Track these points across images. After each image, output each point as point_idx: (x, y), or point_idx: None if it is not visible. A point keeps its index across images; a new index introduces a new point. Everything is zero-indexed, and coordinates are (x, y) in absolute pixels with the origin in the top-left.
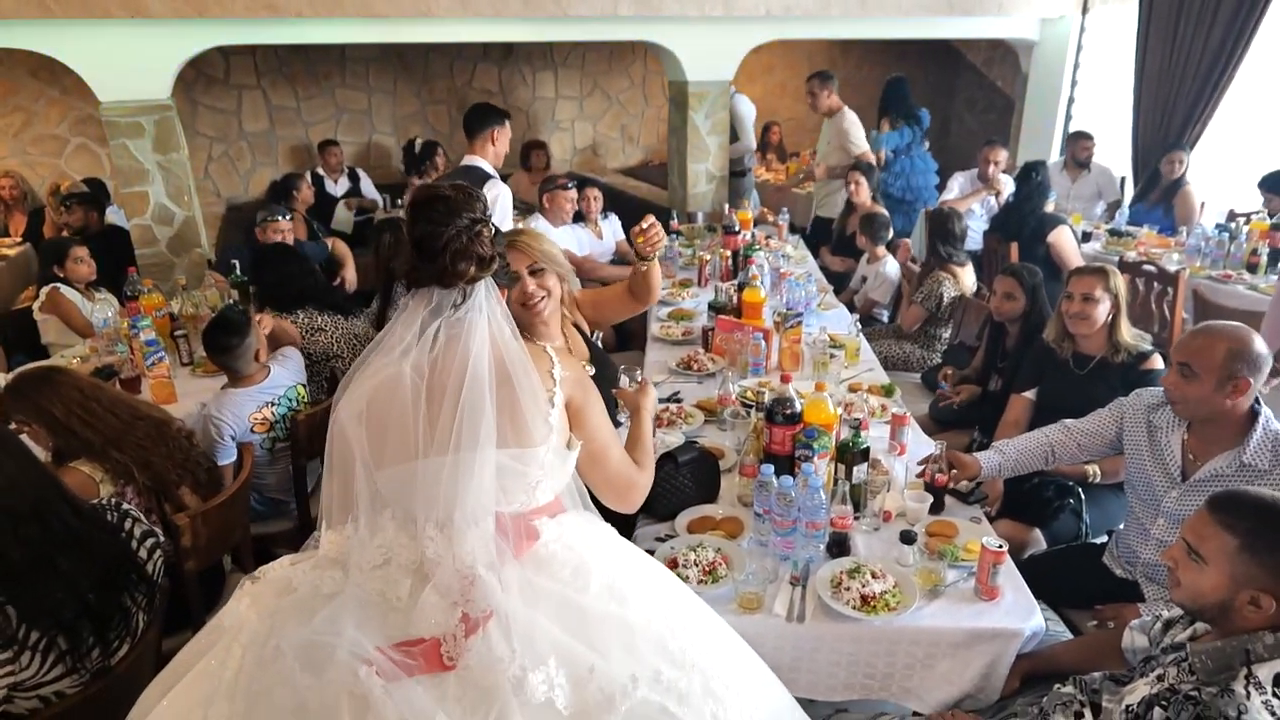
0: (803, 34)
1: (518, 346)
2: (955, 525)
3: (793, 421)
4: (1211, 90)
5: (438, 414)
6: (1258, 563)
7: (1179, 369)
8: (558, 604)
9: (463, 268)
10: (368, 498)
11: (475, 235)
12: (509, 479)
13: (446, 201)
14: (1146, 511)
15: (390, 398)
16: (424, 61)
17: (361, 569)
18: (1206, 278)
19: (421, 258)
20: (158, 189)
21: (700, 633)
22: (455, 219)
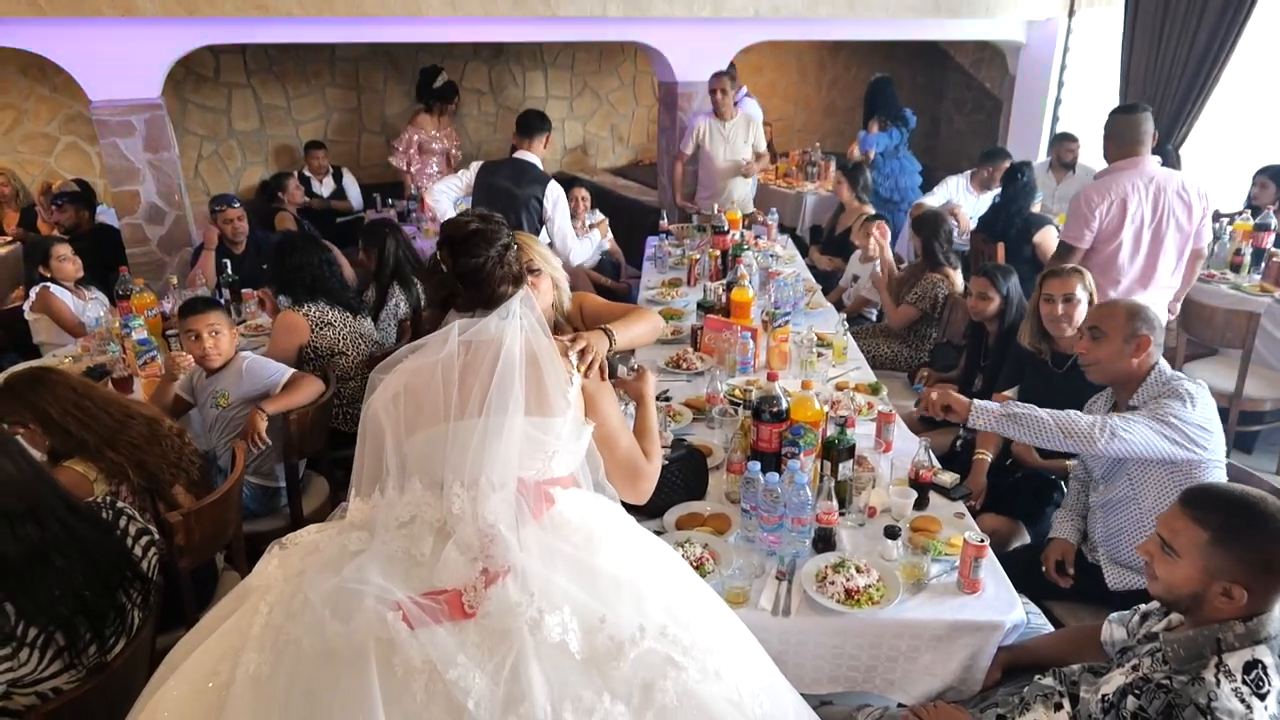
0: (791, 35)
1: (548, 340)
2: (939, 521)
3: (779, 419)
4: (1198, 93)
5: (472, 384)
6: (1228, 555)
7: (1089, 333)
8: (571, 563)
9: (504, 290)
10: (397, 465)
11: (507, 259)
12: (530, 446)
13: (482, 235)
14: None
15: (428, 379)
16: (414, 61)
17: (388, 527)
18: None
19: (469, 287)
20: (148, 188)
21: (702, 603)
22: (490, 249)
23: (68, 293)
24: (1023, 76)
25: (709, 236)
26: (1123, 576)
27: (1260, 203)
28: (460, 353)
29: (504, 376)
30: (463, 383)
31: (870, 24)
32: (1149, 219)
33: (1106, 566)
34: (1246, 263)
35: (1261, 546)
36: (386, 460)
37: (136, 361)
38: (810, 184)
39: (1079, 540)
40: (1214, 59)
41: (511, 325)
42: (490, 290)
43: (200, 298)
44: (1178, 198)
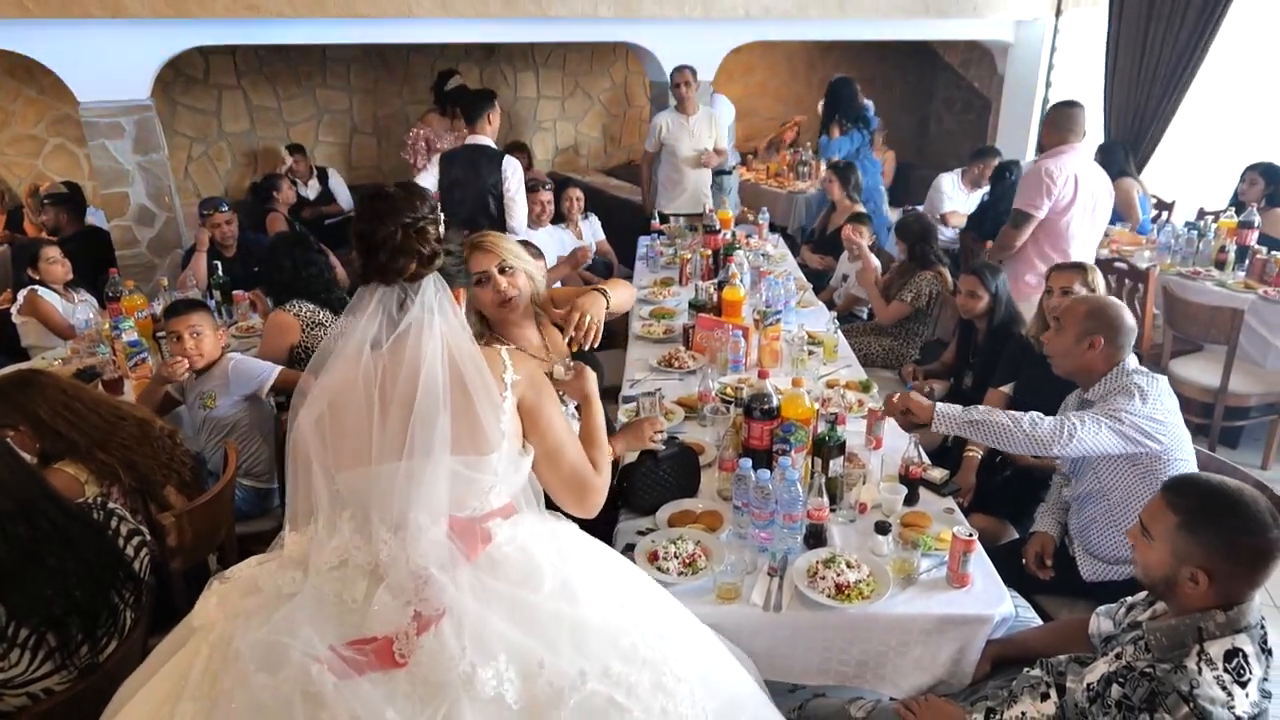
0: (781, 35)
1: (473, 350)
2: (929, 516)
3: (770, 417)
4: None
5: (389, 420)
6: (1195, 540)
7: (1055, 324)
8: (509, 604)
9: (402, 263)
10: (326, 499)
11: (418, 232)
12: (462, 485)
13: (390, 200)
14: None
15: (346, 402)
16: (405, 62)
17: (319, 570)
18: (1176, 274)
19: (363, 252)
20: (138, 190)
21: (654, 627)
22: (397, 217)
23: (56, 295)
24: (1011, 75)
25: (700, 236)
26: (1095, 568)
27: (1247, 199)
28: (377, 365)
29: (426, 412)
30: (384, 412)
31: (860, 24)
32: (1092, 205)
33: (1080, 558)
34: (1231, 260)
35: (1226, 534)
36: (316, 493)
37: (127, 363)
38: (801, 183)
39: (1059, 534)
40: (1191, 56)
41: (431, 330)
42: (386, 260)
43: (183, 299)
44: (1103, 186)
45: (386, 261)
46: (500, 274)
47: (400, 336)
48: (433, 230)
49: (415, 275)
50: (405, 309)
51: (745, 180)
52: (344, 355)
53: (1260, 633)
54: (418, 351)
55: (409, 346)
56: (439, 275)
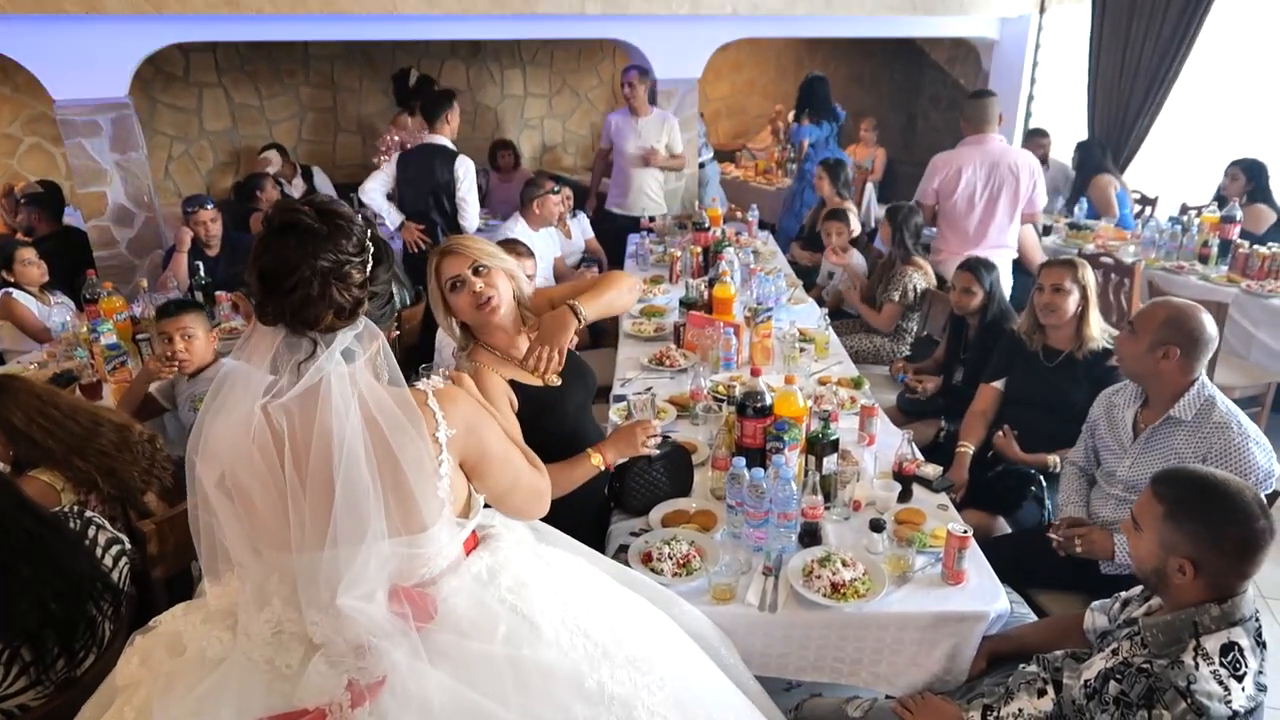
0: (769, 33)
1: (398, 411)
2: (923, 513)
3: (763, 415)
4: (1159, 86)
5: (307, 498)
6: (1180, 530)
7: (1128, 326)
8: (457, 659)
9: (312, 315)
10: (245, 562)
11: (339, 277)
12: (401, 563)
13: (305, 234)
14: (1107, 479)
15: (245, 470)
16: (390, 59)
17: (250, 637)
18: (1161, 269)
19: (265, 291)
20: (116, 189)
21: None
22: (313, 257)
23: (32, 298)
24: (996, 72)
25: (690, 233)
26: None
27: (1229, 194)
28: (279, 425)
29: (351, 493)
30: (298, 488)
31: (847, 21)
32: (981, 187)
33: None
34: (1214, 254)
35: (1211, 523)
36: (234, 549)
37: (105, 367)
38: (789, 180)
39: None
40: (1175, 53)
41: (344, 390)
42: (295, 306)
43: (176, 300)
44: (1009, 171)
45: (297, 308)
46: (475, 275)
47: (308, 394)
48: (357, 273)
49: (330, 328)
50: (308, 364)
51: (734, 178)
52: (232, 409)
53: (1255, 625)
54: (329, 414)
55: (320, 413)
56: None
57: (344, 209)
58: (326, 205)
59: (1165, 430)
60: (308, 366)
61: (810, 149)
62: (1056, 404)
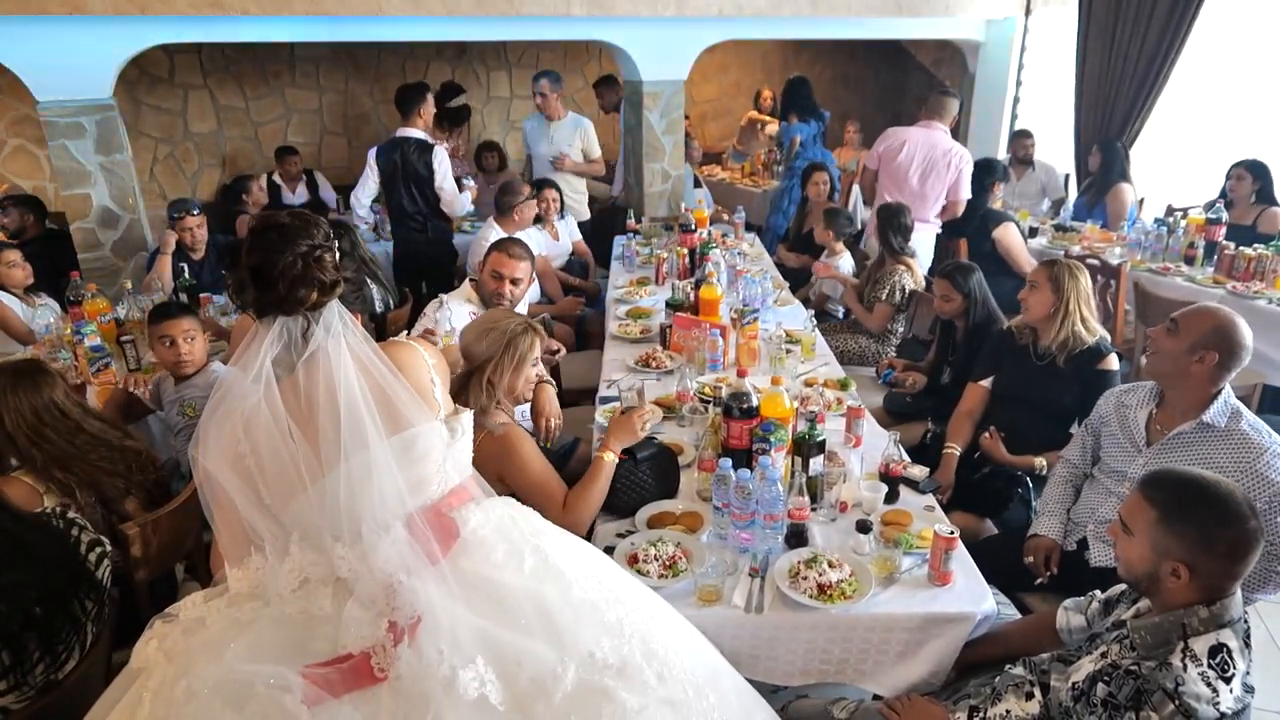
0: (754, 34)
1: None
2: (909, 514)
3: (750, 416)
4: (1149, 88)
5: (314, 434)
6: (1173, 533)
7: (1168, 323)
8: (486, 594)
9: (303, 294)
10: (266, 530)
11: (315, 260)
12: (409, 469)
13: (282, 230)
14: (1113, 478)
15: (258, 435)
16: (376, 61)
17: (281, 595)
18: (1147, 270)
19: (260, 286)
20: (100, 191)
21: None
22: (292, 246)
23: (16, 300)
24: (982, 75)
25: (676, 235)
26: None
27: (1236, 195)
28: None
29: (351, 411)
30: (308, 431)
31: (832, 23)
32: (915, 164)
33: (1092, 543)
34: (1200, 256)
35: (1204, 526)
36: (253, 528)
37: (89, 369)
38: (776, 182)
39: (1062, 534)
40: (1164, 57)
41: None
42: (284, 291)
43: (174, 303)
44: (941, 157)
45: (287, 292)
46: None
47: (311, 359)
48: (329, 257)
49: (317, 304)
50: (310, 336)
51: (720, 180)
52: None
53: (1244, 627)
54: (329, 370)
55: (321, 369)
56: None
57: (310, 213)
58: (295, 210)
59: (1196, 436)
60: (310, 337)
61: (800, 146)
62: (1044, 404)
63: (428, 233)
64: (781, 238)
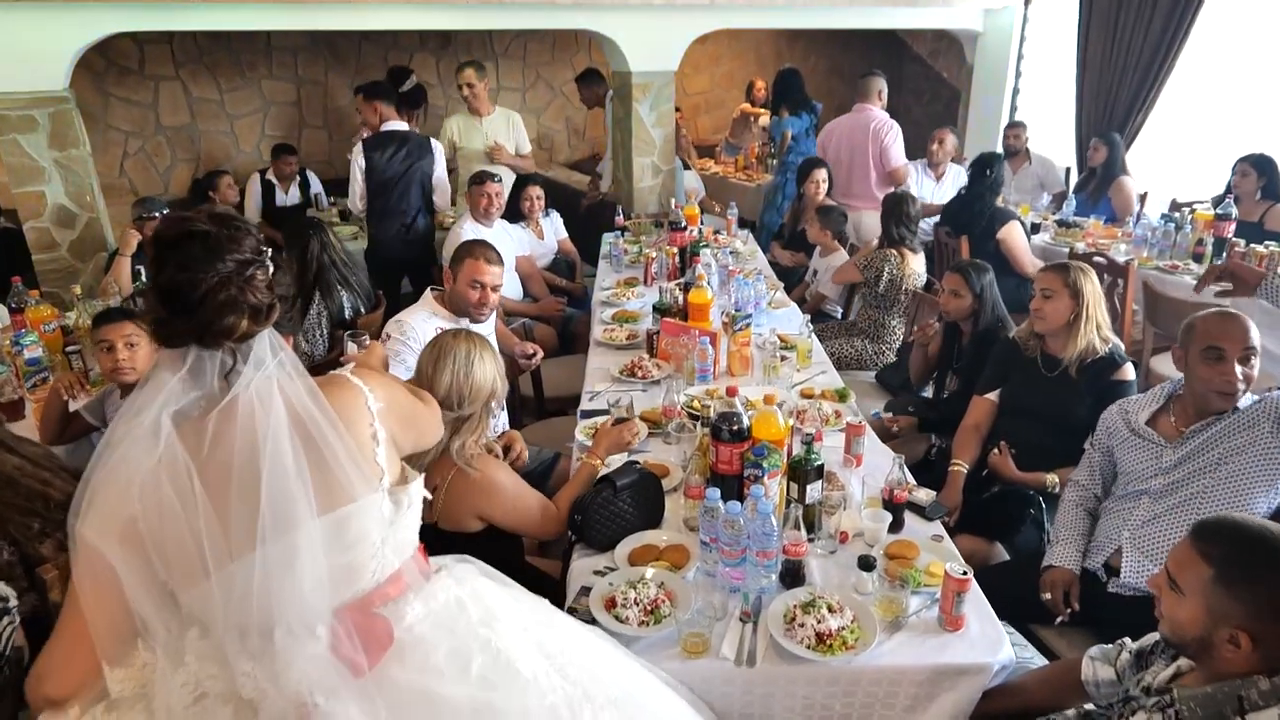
0: (746, 23)
1: (317, 404)
2: (916, 546)
3: (740, 438)
4: (1152, 80)
5: (225, 506)
6: (1232, 596)
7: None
8: (422, 710)
9: (230, 322)
10: (160, 624)
11: (246, 281)
12: (339, 555)
13: (206, 240)
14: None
15: (156, 504)
16: (357, 52)
17: (171, 709)
18: (1154, 269)
19: (172, 310)
20: (55, 188)
21: (611, 691)
22: (218, 262)
23: None
24: (980, 65)
25: (666, 233)
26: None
27: (1241, 191)
28: (197, 445)
29: (276, 483)
30: (219, 502)
31: (827, 12)
32: (845, 145)
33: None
34: (1209, 253)
35: (1271, 589)
36: (142, 620)
37: (25, 384)
38: (770, 176)
39: (1079, 565)
40: (1168, 47)
41: (272, 398)
42: (204, 318)
43: (117, 307)
44: (864, 132)
45: (209, 321)
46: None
47: (227, 409)
48: (261, 275)
49: (246, 335)
50: (233, 376)
51: (713, 174)
52: (136, 443)
53: None
54: (252, 423)
55: (241, 418)
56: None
57: (233, 213)
58: (216, 211)
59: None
60: (234, 378)
61: (792, 141)
62: (1056, 417)
63: (417, 228)
64: (775, 234)
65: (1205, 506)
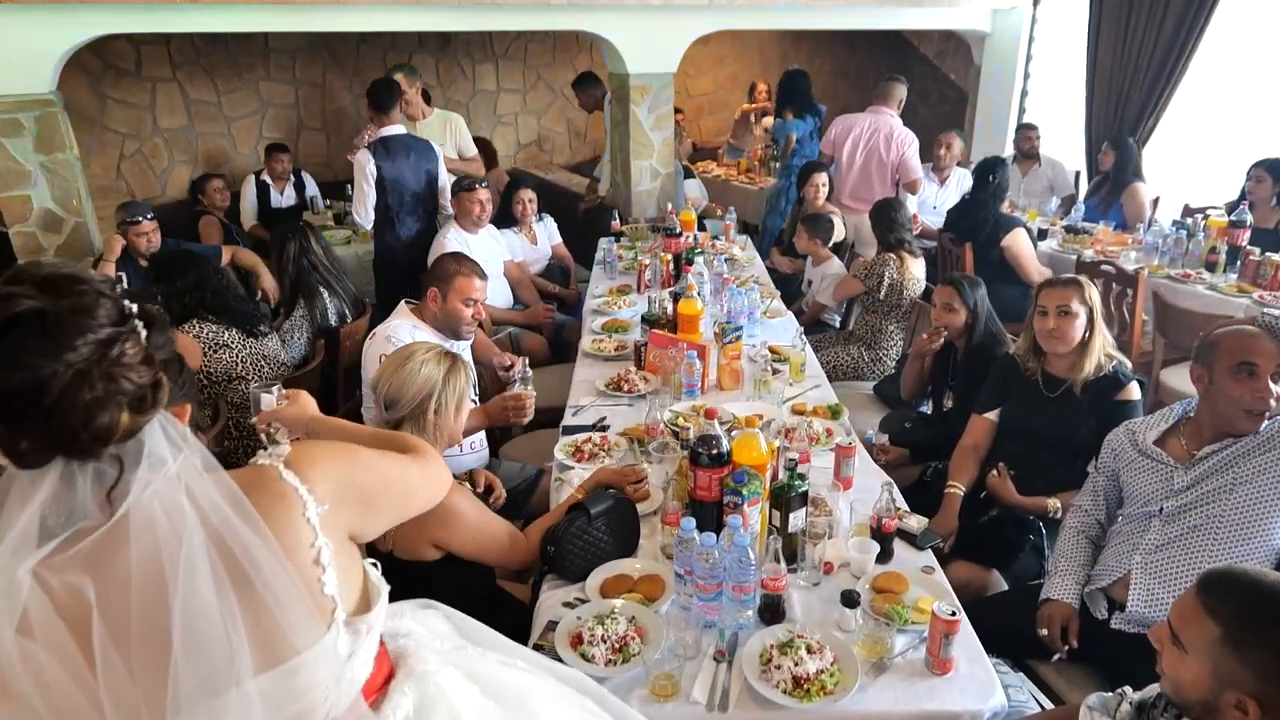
0: (747, 24)
1: (243, 515)
2: (904, 579)
3: (720, 463)
4: (1164, 83)
5: (132, 672)
6: (1240, 659)
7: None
8: None
9: (104, 423)
10: None
11: (114, 364)
12: (284, 708)
13: (40, 322)
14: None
15: (36, 684)
16: (355, 53)
17: None
18: (1165, 277)
19: (14, 425)
20: (41, 192)
21: None
22: (66, 351)
23: None
24: (988, 67)
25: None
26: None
27: (1256, 197)
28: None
29: (194, 632)
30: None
31: (831, 12)
32: (860, 148)
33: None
34: (1222, 261)
35: None
36: None
37: None
38: (773, 179)
39: (1080, 594)
40: (1181, 48)
41: (178, 507)
42: (69, 426)
43: None
44: (883, 140)
45: (72, 431)
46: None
47: (114, 531)
48: (132, 348)
49: (130, 432)
50: (120, 489)
51: (715, 177)
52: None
53: None
54: (155, 547)
55: (136, 542)
56: None
57: (69, 269)
58: (46, 273)
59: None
60: (120, 495)
61: (796, 144)
62: (1058, 439)
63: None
64: (776, 240)
65: (1220, 533)
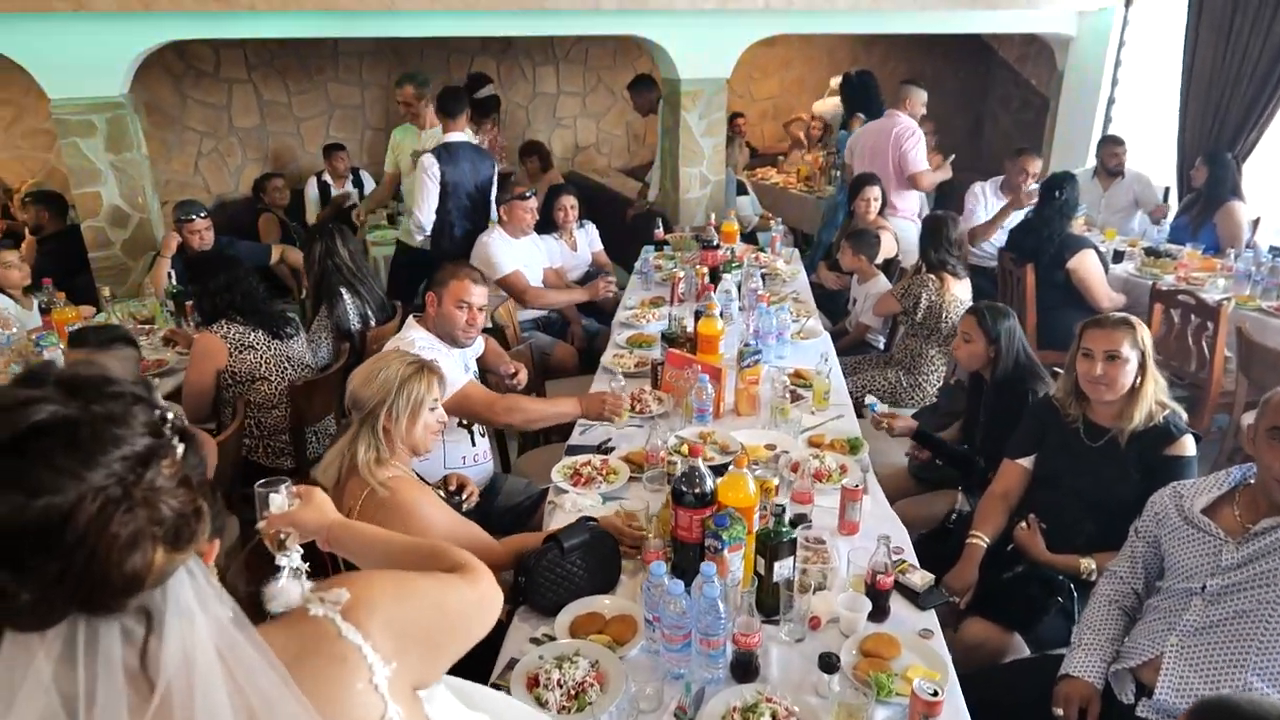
0: (805, 29)
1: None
2: (897, 643)
3: (703, 503)
4: (1270, 93)
5: None
6: None
7: None
8: None
9: (135, 565)
10: None
11: (149, 488)
12: None
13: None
14: (1179, 596)
15: None
16: (419, 55)
17: None
18: (1256, 310)
19: (18, 572)
20: (110, 189)
21: None
22: (92, 468)
23: (11, 301)
24: (1072, 73)
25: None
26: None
27: None
28: None
29: None
30: None
31: (897, 17)
32: (867, 154)
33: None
34: None
35: None
36: None
37: None
38: (832, 188)
39: (1104, 673)
40: None
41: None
42: (94, 569)
43: (91, 327)
44: (885, 138)
45: (98, 575)
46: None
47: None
48: (169, 465)
49: (163, 575)
50: (150, 654)
51: (774, 184)
52: None
53: None
54: None
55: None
56: None
57: (95, 370)
58: (71, 374)
59: None
60: (154, 656)
61: None
62: (1097, 494)
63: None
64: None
65: (1271, 623)
